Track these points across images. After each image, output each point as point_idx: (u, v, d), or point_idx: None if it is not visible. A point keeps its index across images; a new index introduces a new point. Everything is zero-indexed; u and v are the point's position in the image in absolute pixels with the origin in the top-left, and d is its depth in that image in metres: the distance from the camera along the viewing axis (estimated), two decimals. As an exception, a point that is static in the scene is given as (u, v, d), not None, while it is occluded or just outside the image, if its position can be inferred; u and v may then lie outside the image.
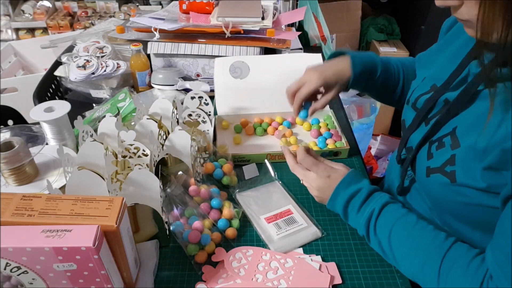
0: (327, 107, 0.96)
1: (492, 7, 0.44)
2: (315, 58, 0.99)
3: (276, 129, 0.92)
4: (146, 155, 0.72)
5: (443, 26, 0.73)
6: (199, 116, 0.86)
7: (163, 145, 0.74)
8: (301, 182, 0.72)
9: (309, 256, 0.64)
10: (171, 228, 0.65)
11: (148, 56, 1.09)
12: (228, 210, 0.69)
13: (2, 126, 1.06)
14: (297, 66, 0.98)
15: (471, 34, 0.52)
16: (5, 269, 0.47)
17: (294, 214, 0.71)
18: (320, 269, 0.61)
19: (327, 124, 0.94)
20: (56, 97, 1.16)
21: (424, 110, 0.63)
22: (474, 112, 0.54)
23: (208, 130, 0.86)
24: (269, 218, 0.70)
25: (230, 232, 0.67)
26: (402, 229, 0.59)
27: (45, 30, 2.41)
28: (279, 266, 0.62)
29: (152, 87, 1.08)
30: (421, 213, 0.65)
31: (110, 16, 2.39)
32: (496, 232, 0.50)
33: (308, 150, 0.72)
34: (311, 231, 0.68)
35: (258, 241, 0.67)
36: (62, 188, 0.69)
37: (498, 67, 0.49)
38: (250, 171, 0.82)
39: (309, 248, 0.66)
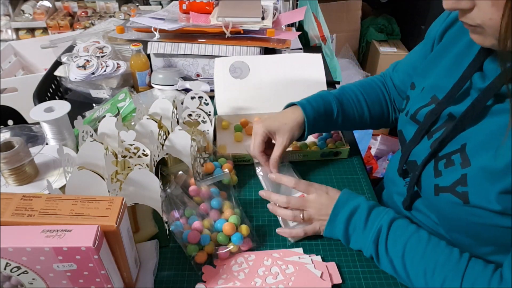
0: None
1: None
2: (315, 58, 0.99)
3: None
4: (146, 155, 0.72)
5: (431, 33, 0.70)
6: (199, 116, 0.86)
7: (163, 145, 0.74)
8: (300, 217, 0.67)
9: (309, 256, 0.64)
10: (171, 228, 0.65)
11: (148, 56, 1.09)
12: (228, 210, 0.69)
13: (2, 126, 1.06)
14: (298, 66, 0.98)
15: (479, 41, 0.49)
16: (5, 269, 0.47)
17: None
18: (321, 276, 0.61)
19: None
20: (56, 97, 1.16)
21: (426, 123, 0.61)
22: (485, 129, 0.52)
23: (208, 130, 0.86)
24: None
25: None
26: (416, 247, 0.57)
27: (45, 30, 2.41)
28: (280, 272, 0.61)
29: (152, 87, 1.08)
30: (428, 226, 0.64)
31: (110, 16, 2.39)
32: None
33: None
34: None
35: (259, 241, 0.67)
36: (62, 188, 0.69)
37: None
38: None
39: (309, 248, 0.66)
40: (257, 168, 0.80)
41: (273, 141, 0.77)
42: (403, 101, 0.71)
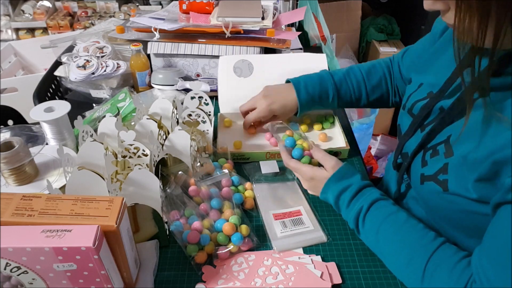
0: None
1: (467, 10, 0.43)
2: (320, 58, 0.99)
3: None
4: (146, 155, 0.72)
5: (436, 26, 0.72)
6: (199, 116, 0.86)
7: (163, 145, 0.74)
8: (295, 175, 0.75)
9: (309, 256, 0.64)
10: (171, 228, 0.65)
11: (148, 56, 1.09)
12: (228, 210, 0.69)
13: (2, 126, 1.06)
14: (302, 66, 0.98)
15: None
16: (5, 269, 0.47)
17: (303, 216, 0.71)
18: (321, 276, 0.61)
19: (323, 126, 0.94)
20: (56, 97, 1.16)
21: (420, 116, 0.63)
22: (469, 121, 0.53)
23: (207, 130, 0.86)
24: (278, 215, 0.71)
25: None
26: (391, 226, 0.59)
27: (45, 30, 2.41)
28: (280, 272, 0.61)
29: (152, 87, 1.08)
30: (418, 217, 0.65)
31: (110, 16, 2.39)
32: (484, 237, 0.50)
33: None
34: (316, 235, 0.68)
35: (259, 241, 0.67)
36: (62, 188, 0.69)
37: (490, 76, 0.48)
38: (269, 166, 0.83)
39: (309, 248, 0.66)
40: (254, 181, 0.80)
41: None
42: (404, 97, 0.73)
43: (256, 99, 0.86)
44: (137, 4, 2.45)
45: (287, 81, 0.87)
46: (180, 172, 0.74)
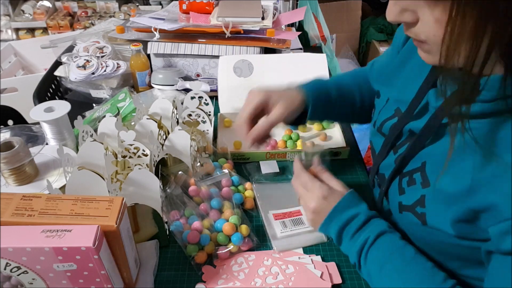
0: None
1: (462, 26, 0.37)
2: (320, 58, 0.99)
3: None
4: (146, 155, 0.72)
5: (397, 36, 0.67)
6: (199, 116, 0.86)
7: (163, 145, 0.74)
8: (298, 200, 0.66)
9: (309, 256, 0.64)
10: (171, 228, 0.65)
11: (148, 56, 1.09)
12: (228, 210, 0.69)
13: (2, 126, 1.06)
14: (301, 66, 0.98)
15: (426, 59, 0.46)
16: (5, 269, 0.47)
17: (303, 216, 0.70)
18: (321, 276, 0.61)
19: (323, 126, 0.94)
20: (56, 97, 1.16)
21: (391, 137, 0.60)
22: (443, 148, 0.50)
23: (207, 130, 0.86)
24: (278, 215, 0.70)
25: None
26: (396, 263, 0.54)
27: (45, 30, 2.41)
28: (280, 272, 0.61)
29: (152, 87, 1.08)
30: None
31: (110, 16, 2.39)
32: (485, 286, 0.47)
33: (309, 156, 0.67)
34: (316, 235, 0.68)
35: (259, 241, 0.67)
36: (62, 188, 0.69)
37: (460, 104, 0.43)
38: (269, 166, 0.82)
39: (309, 248, 0.66)
40: (255, 181, 0.77)
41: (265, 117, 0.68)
42: (373, 110, 0.70)
43: (246, 98, 0.69)
44: (137, 4, 2.45)
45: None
46: (180, 172, 0.74)
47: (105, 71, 1.04)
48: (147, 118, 0.77)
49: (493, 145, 0.45)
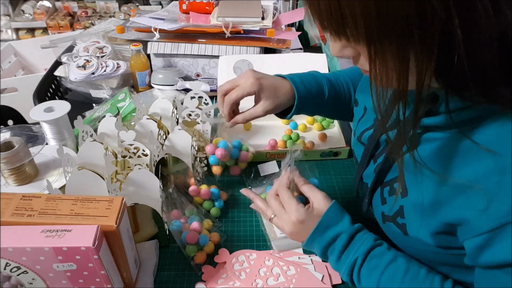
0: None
1: (385, 64, 0.39)
2: (320, 58, 0.99)
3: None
4: (146, 155, 0.72)
5: None
6: (198, 116, 0.86)
7: (163, 145, 0.74)
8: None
9: (309, 256, 0.64)
10: (171, 228, 0.65)
11: (148, 56, 1.09)
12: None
13: (2, 126, 1.06)
14: (301, 66, 0.98)
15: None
16: (5, 269, 0.47)
17: None
18: (322, 280, 0.61)
19: (322, 126, 0.94)
20: (56, 97, 1.16)
21: (369, 147, 0.60)
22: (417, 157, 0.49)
23: (207, 130, 0.86)
24: None
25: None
26: (393, 279, 0.53)
27: (45, 30, 2.42)
28: (281, 273, 0.61)
29: (152, 87, 1.08)
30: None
31: (110, 16, 2.39)
32: None
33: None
34: None
35: (259, 241, 0.67)
36: (62, 188, 0.69)
37: (420, 119, 0.44)
38: (267, 168, 0.82)
39: (309, 248, 0.66)
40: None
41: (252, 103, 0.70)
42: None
43: (238, 78, 0.69)
44: (137, 4, 2.45)
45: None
46: (180, 172, 0.74)
47: (105, 71, 1.04)
48: (147, 118, 0.77)
49: (450, 161, 0.45)
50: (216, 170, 0.77)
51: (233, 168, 0.80)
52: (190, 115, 0.86)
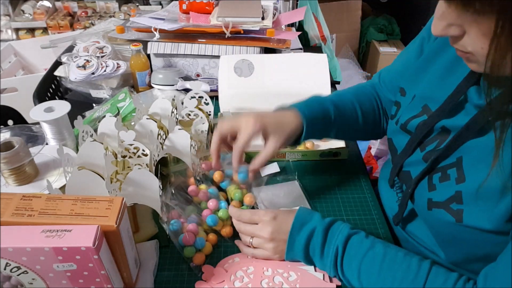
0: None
1: (507, 40, 0.38)
2: (321, 58, 0.99)
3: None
4: (146, 155, 0.72)
5: (427, 29, 0.66)
6: (197, 116, 0.86)
7: (163, 145, 0.74)
8: (251, 246, 0.63)
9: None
10: (170, 228, 0.65)
11: (148, 56, 1.09)
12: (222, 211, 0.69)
13: (2, 126, 1.06)
14: (302, 66, 0.98)
15: (475, 68, 0.47)
16: (5, 269, 0.47)
17: None
18: (323, 278, 0.60)
19: None
20: (56, 97, 1.16)
21: (419, 135, 0.58)
22: (485, 145, 0.49)
23: (206, 130, 0.86)
24: None
25: (228, 231, 0.67)
26: (371, 266, 0.55)
27: (45, 30, 2.41)
28: (283, 281, 0.60)
29: (152, 87, 1.08)
30: (425, 242, 0.61)
31: (110, 16, 2.39)
32: (498, 262, 0.47)
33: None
34: None
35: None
36: (62, 188, 0.69)
37: (506, 104, 0.44)
38: (267, 168, 0.81)
39: (309, 248, 0.66)
40: (253, 188, 0.75)
41: (260, 141, 0.68)
42: (393, 107, 0.69)
43: (236, 118, 0.67)
44: (137, 4, 2.45)
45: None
46: (179, 172, 0.74)
47: (105, 71, 1.04)
48: (147, 118, 0.77)
49: None
50: (217, 177, 0.77)
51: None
52: (189, 115, 0.86)
